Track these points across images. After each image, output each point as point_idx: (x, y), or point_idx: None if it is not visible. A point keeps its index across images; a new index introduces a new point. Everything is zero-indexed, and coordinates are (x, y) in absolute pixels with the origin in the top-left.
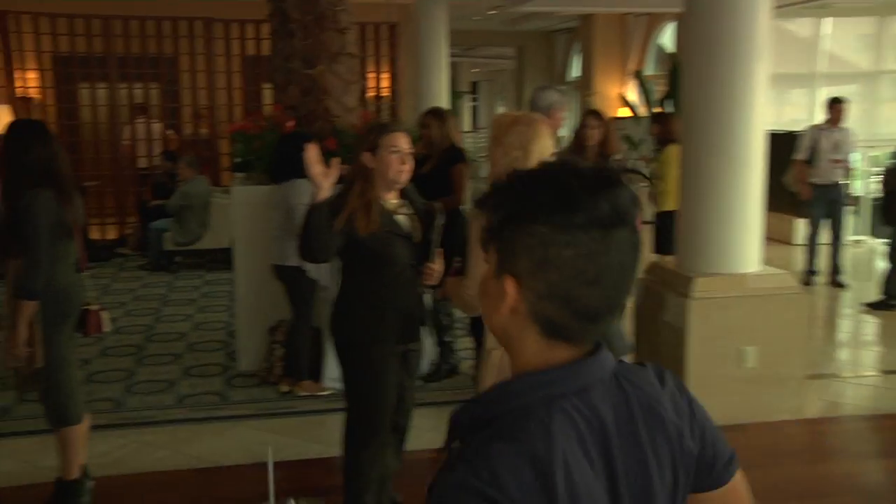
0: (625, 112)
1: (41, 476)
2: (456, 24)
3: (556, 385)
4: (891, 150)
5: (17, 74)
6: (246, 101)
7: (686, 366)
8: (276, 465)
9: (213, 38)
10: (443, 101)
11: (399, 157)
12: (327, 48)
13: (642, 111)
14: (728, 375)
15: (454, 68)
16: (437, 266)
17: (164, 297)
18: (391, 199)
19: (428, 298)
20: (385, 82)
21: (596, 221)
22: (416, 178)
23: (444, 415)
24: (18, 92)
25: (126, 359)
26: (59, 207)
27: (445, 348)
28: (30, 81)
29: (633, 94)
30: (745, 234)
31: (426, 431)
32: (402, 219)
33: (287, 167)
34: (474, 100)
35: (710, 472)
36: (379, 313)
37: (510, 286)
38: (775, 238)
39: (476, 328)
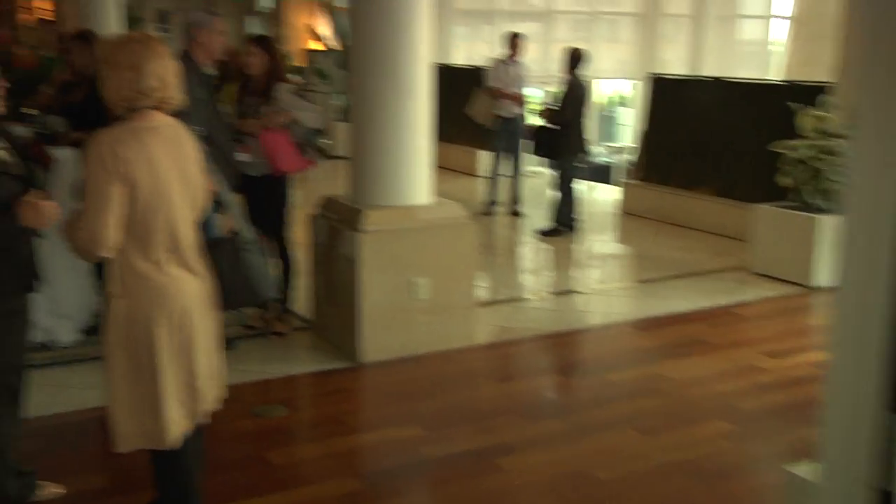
0: (316, 45)
1: None
2: None
3: None
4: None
5: None
6: None
7: (361, 298)
8: None
9: None
10: (111, 27)
11: None
12: None
13: (335, 45)
14: (402, 307)
15: None
16: (45, 205)
17: None
18: None
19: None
20: (49, 5)
21: None
22: (66, 106)
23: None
24: None
25: None
26: None
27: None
28: None
29: (323, 26)
30: (413, 166)
31: (88, 389)
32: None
33: None
34: (165, 31)
35: None
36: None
37: None
38: (460, 170)
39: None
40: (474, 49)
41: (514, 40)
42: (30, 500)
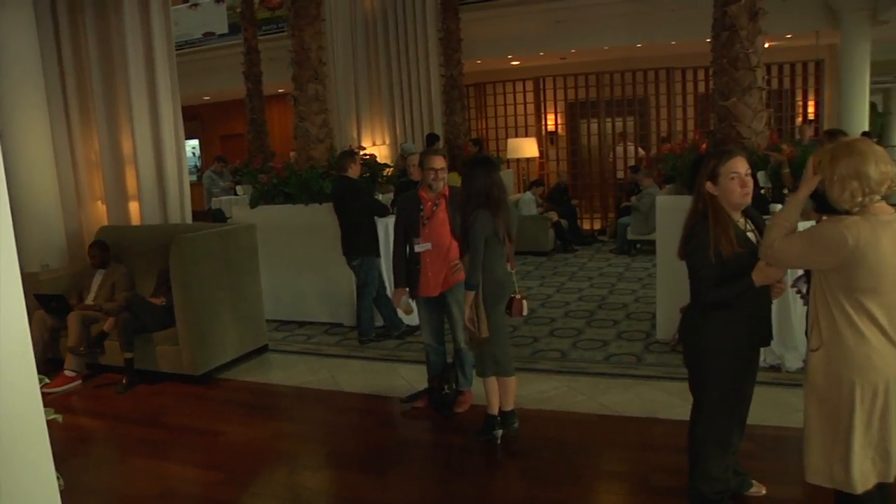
0: None
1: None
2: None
3: None
4: None
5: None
6: (696, 128)
7: None
8: (661, 421)
9: (673, 81)
10: (862, 123)
11: (738, 180)
12: (740, 83)
13: None
14: None
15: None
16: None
17: (621, 274)
18: (738, 219)
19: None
20: (811, 108)
21: None
22: None
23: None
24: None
25: (580, 320)
26: (493, 222)
27: None
28: (550, 120)
29: None
30: None
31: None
32: (751, 235)
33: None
34: None
35: None
36: (737, 323)
37: None
38: None
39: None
40: None
41: None
42: (742, 494)
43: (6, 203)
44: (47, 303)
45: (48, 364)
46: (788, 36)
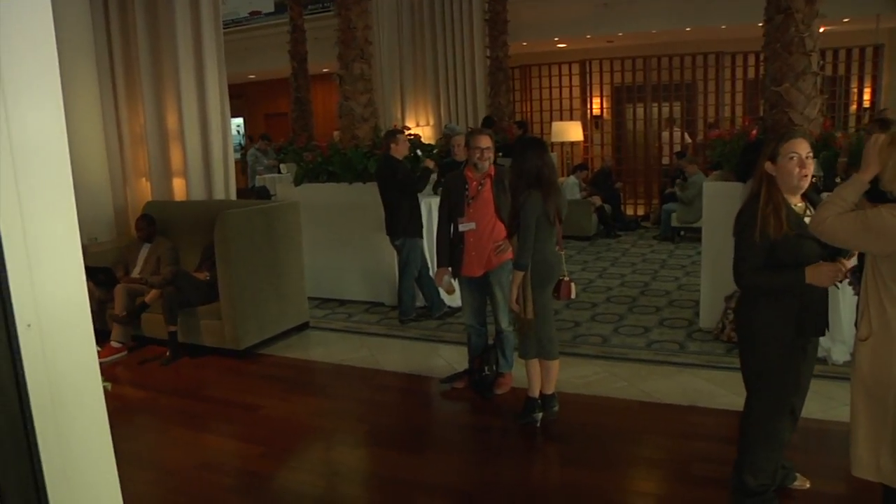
0: None
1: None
2: None
3: None
4: None
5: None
6: (744, 115)
7: None
8: (702, 410)
9: (722, 66)
10: None
11: (798, 161)
12: (793, 69)
13: None
14: None
15: None
16: (848, 263)
17: (664, 261)
18: (797, 203)
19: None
20: (866, 96)
21: None
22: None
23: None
24: (590, 112)
25: (622, 306)
26: (543, 203)
27: None
28: (596, 104)
29: None
30: None
31: (845, 406)
32: (808, 220)
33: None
34: None
35: None
36: (787, 310)
37: None
38: None
39: None
40: None
41: None
42: (785, 487)
43: (69, 179)
44: (95, 275)
45: (95, 335)
46: (846, 20)
